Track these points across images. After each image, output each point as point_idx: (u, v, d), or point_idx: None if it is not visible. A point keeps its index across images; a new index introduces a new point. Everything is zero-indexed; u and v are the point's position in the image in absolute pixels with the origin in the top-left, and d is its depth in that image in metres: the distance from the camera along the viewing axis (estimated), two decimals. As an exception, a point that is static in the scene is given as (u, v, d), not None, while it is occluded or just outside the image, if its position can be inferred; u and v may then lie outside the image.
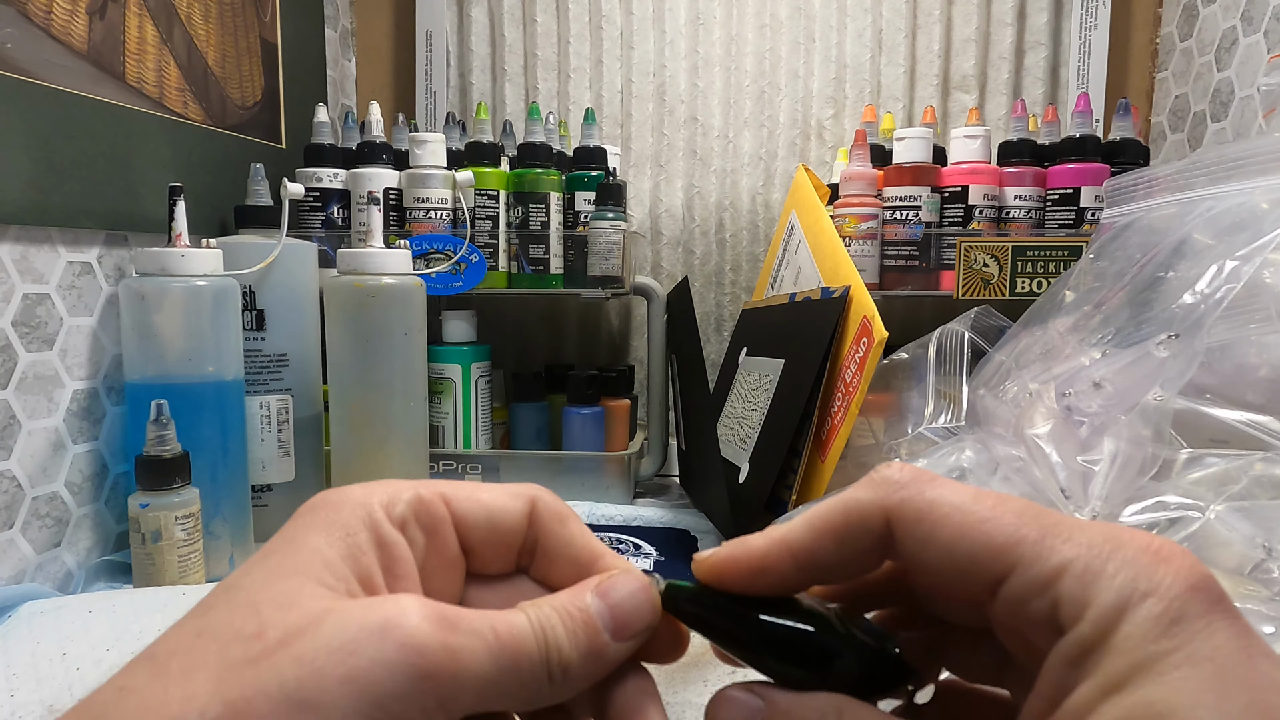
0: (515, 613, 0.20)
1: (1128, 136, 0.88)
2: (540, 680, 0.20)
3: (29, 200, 0.61)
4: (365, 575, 0.20)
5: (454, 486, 0.23)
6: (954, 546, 0.19)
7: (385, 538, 0.21)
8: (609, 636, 0.21)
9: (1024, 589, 0.18)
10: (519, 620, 0.20)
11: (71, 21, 0.65)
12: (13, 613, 0.55)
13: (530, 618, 0.20)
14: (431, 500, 0.22)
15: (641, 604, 0.22)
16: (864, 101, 1.09)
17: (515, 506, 0.23)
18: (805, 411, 0.66)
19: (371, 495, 0.21)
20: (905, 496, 0.20)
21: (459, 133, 0.98)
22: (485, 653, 0.19)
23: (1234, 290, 0.42)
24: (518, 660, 0.19)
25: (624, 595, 0.21)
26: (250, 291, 0.73)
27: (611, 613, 0.21)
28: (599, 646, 0.21)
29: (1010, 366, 0.56)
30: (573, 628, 0.20)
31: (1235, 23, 0.93)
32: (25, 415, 0.62)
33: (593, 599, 0.21)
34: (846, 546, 0.21)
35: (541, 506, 0.23)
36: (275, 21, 0.95)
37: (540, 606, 0.21)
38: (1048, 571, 0.17)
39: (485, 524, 0.23)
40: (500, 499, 0.23)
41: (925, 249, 0.90)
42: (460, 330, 0.91)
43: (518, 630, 0.19)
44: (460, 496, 0.23)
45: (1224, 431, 0.41)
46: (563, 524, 0.23)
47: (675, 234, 1.13)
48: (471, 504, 0.23)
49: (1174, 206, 0.52)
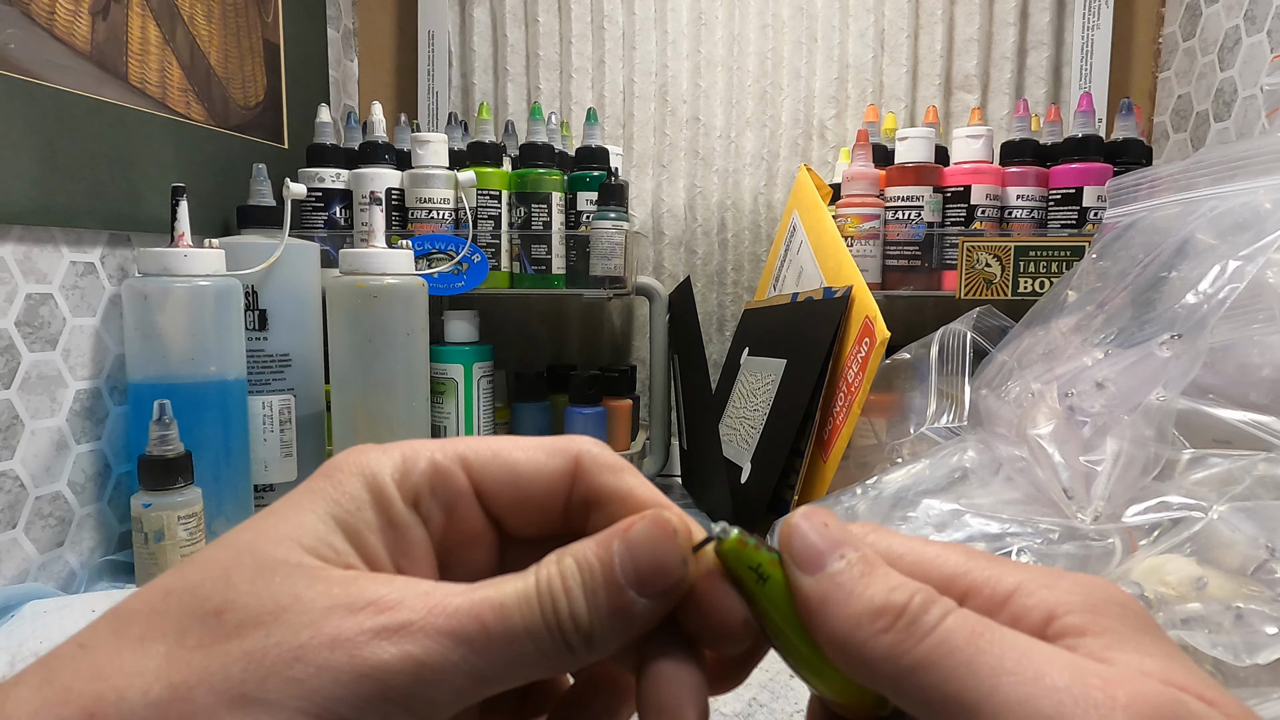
0: (519, 580, 0.18)
1: (1130, 136, 0.88)
2: (558, 652, 0.18)
3: (32, 200, 0.61)
4: (369, 554, 0.19)
5: (479, 446, 0.21)
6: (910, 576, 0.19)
7: (395, 518, 0.20)
8: (634, 592, 0.18)
9: (984, 608, 0.18)
10: (515, 591, 0.18)
11: (74, 22, 0.65)
12: (16, 612, 0.55)
13: (540, 583, 0.18)
14: (449, 470, 0.20)
15: (666, 551, 0.19)
16: (866, 101, 1.09)
17: (552, 465, 0.21)
18: (807, 412, 0.66)
19: (383, 462, 0.20)
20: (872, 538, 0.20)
21: (461, 133, 0.98)
22: (467, 652, 0.17)
23: (1237, 290, 0.42)
24: (515, 644, 0.18)
25: (650, 540, 0.19)
26: (253, 291, 0.73)
27: (635, 563, 0.18)
28: (623, 605, 0.18)
29: (1013, 367, 0.56)
30: (592, 586, 0.18)
31: (1238, 22, 0.93)
32: (28, 415, 0.62)
33: (619, 547, 0.19)
34: None
35: (588, 460, 0.21)
36: (278, 22, 0.95)
37: (562, 559, 0.19)
38: (1002, 590, 0.18)
39: (512, 489, 0.21)
40: (534, 457, 0.21)
41: (927, 249, 0.90)
42: (462, 330, 0.91)
43: (510, 608, 0.18)
44: (483, 459, 0.21)
45: (1227, 432, 0.41)
46: (617, 475, 0.21)
47: (677, 234, 1.13)
48: (496, 468, 0.21)
49: (1177, 206, 0.52)
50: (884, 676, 0.17)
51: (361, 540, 0.19)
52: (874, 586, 0.18)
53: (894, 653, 0.17)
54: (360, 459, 0.20)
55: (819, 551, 0.18)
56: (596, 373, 0.93)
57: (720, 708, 0.45)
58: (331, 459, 0.20)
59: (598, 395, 0.90)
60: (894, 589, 0.18)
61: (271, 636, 0.17)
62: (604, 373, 0.96)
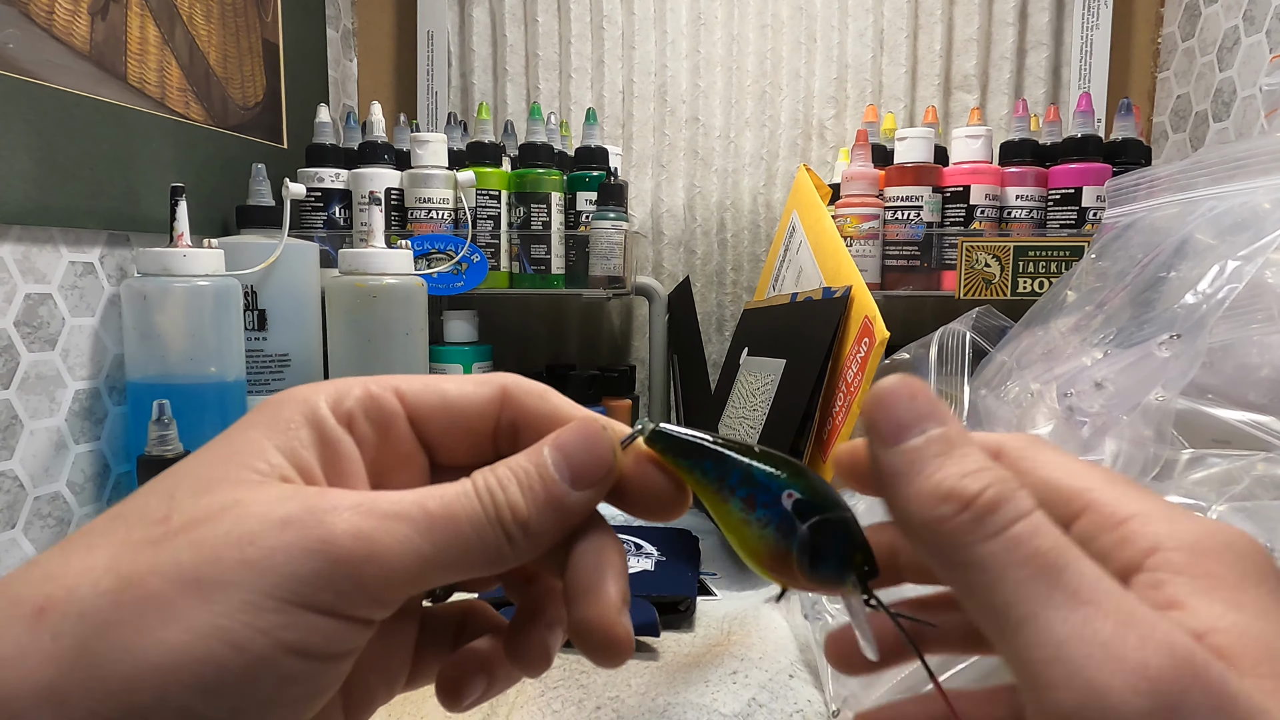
0: (457, 483, 0.19)
1: (1129, 136, 0.88)
2: (497, 542, 0.19)
3: (31, 200, 0.61)
4: (304, 468, 0.19)
5: (411, 379, 0.22)
6: (1043, 483, 0.19)
7: (329, 434, 0.20)
8: (568, 485, 0.20)
9: (1093, 526, 0.18)
10: (455, 489, 0.19)
11: (73, 22, 0.65)
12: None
13: (478, 483, 0.19)
14: (382, 395, 0.21)
15: (597, 447, 0.20)
16: (865, 101, 1.09)
17: (481, 393, 0.22)
18: (807, 412, 0.66)
19: (318, 392, 0.21)
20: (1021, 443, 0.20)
21: (460, 133, 0.98)
22: (412, 532, 0.18)
23: (1236, 290, 0.42)
24: (457, 530, 0.18)
25: (578, 440, 0.20)
26: (252, 291, 0.73)
27: (568, 461, 0.20)
28: (557, 496, 0.20)
29: (1012, 367, 0.56)
30: (528, 483, 0.20)
31: (1237, 22, 0.93)
32: (27, 415, 0.62)
33: (549, 451, 0.20)
34: None
35: (514, 387, 0.22)
36: (277, 22, 0.95)
37: (496, 469, 0.20)
38: (1121, 513, 0.18)
39: (443, 414, 0.22)
40: (464, 386, 0.22)
41: (927, 249, 0.90)
42: (462, 330, 0.91)
43: (450, 500, 0.19)
44: (415, 389, 0.22)
45: (1226, 432, 0.41)
46: (543, 399, 0.22)
47: (676, 234, 1.13)
48: (428, 394, 0.22)
49: (1176, 206, 0.52)
50: (939, 561, 0.17)
51: (297, 456, 0.19)
52: (948, 468, 0.17)
53: (953, 543, 0.17)
54: (296, 391, 0.21)
55: (901, 424, 0.18)
56: (596, 373, 0.93)
57: (720, 708, 0.45)
58: (270, 396, 0.21)
59: (597, 395, 0.90)
60: (968, 474, 0.17)
61: (220, 526, 0.17)
62: (603, 373, 0.96)
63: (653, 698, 0.46)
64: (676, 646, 0.53)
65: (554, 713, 0.45)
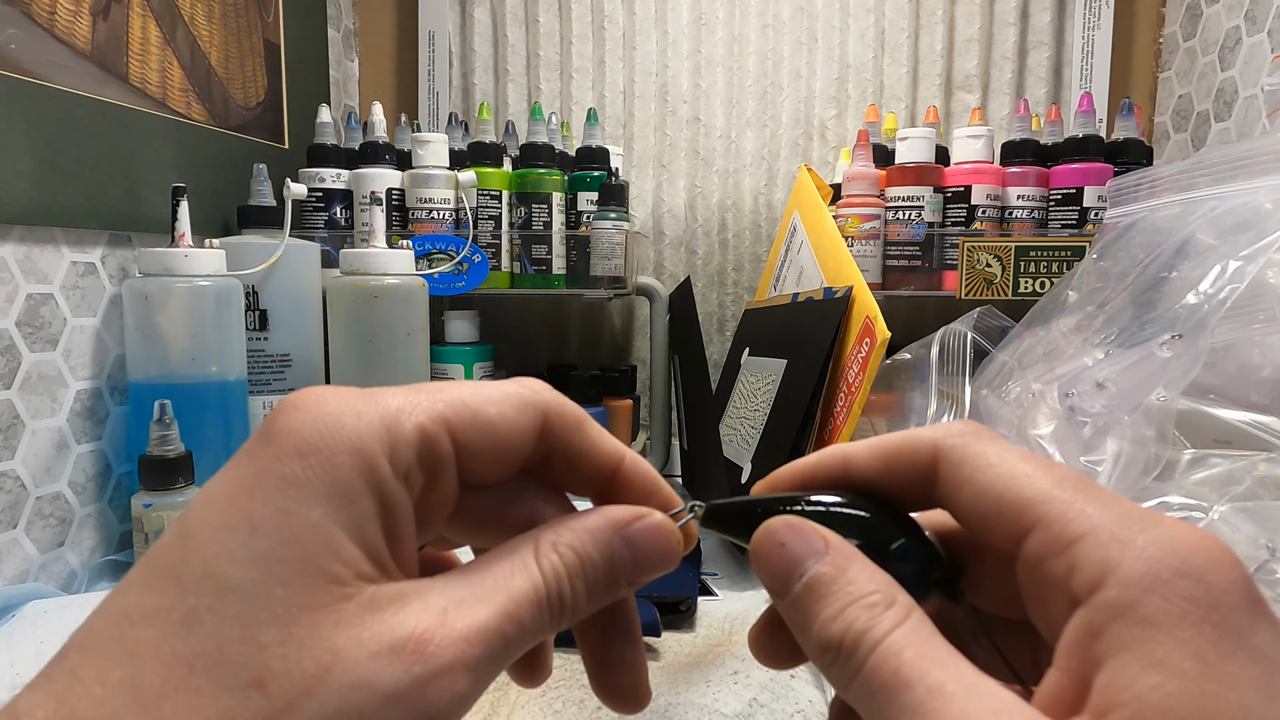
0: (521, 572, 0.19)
1: (1131, 136, 0.88)
2: (544, 632, 0.19)
3: (33, 200, 0.61)
4: (372, 550, 0.18)
5: (458, 407, 0.20)
6: (985, 493, 0.19)
7: (390, 499, 0.18)
8: (626, 584, 0.20)
9: (1043, 547, 0.17)
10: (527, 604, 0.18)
11: (75, 22, 0.65)
12: (16, 612, 0.55)
13: (547, 579, 0.19)
14: (436, 436, 0.19)
15: (670, 554, 0.20)
16: (866, 101, 1.09)
17: (523, 422, 0.20)
18: (808, 412, 0.66)
19: (368, 435, 0.18)
20: (959, 442, 0.20)
21: (461, 133, 0.98)
22: (493, 667, 0.18)
23: (1237, 290, 0.42)
24: (523, 645, 0.19)
25: (654, 547, 0.20)
26: (253, 292, 0.73)
27: (635, 564, 0.20)
28: (614, 592, 0.20)
29: (1013, 367, 0.56)
30: (594, 579, 0.19)
31: (1239, 22, 0.93)
32: (29, 415, 0.62)
33: (619, 546, 0.20)
34: (894, 473, 0.21)
35: (554, 418, 0.21)
36: (278, 22, 0.95)
37: (561, 551, 0.19)
38: (1070, 532, 0.17)
39: (491, 451, 0.20)
40: (509, 416, 0.20)
41: (928, 249, 0.90)
42: (463, 330, 0.91)
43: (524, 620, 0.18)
44: (463, 421, 0.20)
45: (1227, 432, 0.41)
46: (579, 432, 0.21)
47: (677, 234, 1.13)
48: (476, 430, 0.20)
49: (1177, 206, 0.52)
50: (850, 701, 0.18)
51: (363, 535, 0.18)
52: (821, 615, 0.18)
53: (839, 685, 0.18)
54: (342, 433, 0.18)
55: (781, 577, 0.19)
56: (597, 373, 0.93)
57: (721, 708, 0.45)
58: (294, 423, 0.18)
59: (598, 395, 0.90)
60: (836, 617, 0.18)
61: (327, 704, 0.16)
62: (604, 373, 0.96)
63: (654, 698, 0.46)
64: (677, 646, 0.53)
65: (555, 713, 0.45)
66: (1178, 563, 0.15)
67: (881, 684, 0.17)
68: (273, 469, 0.17)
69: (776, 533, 0.19)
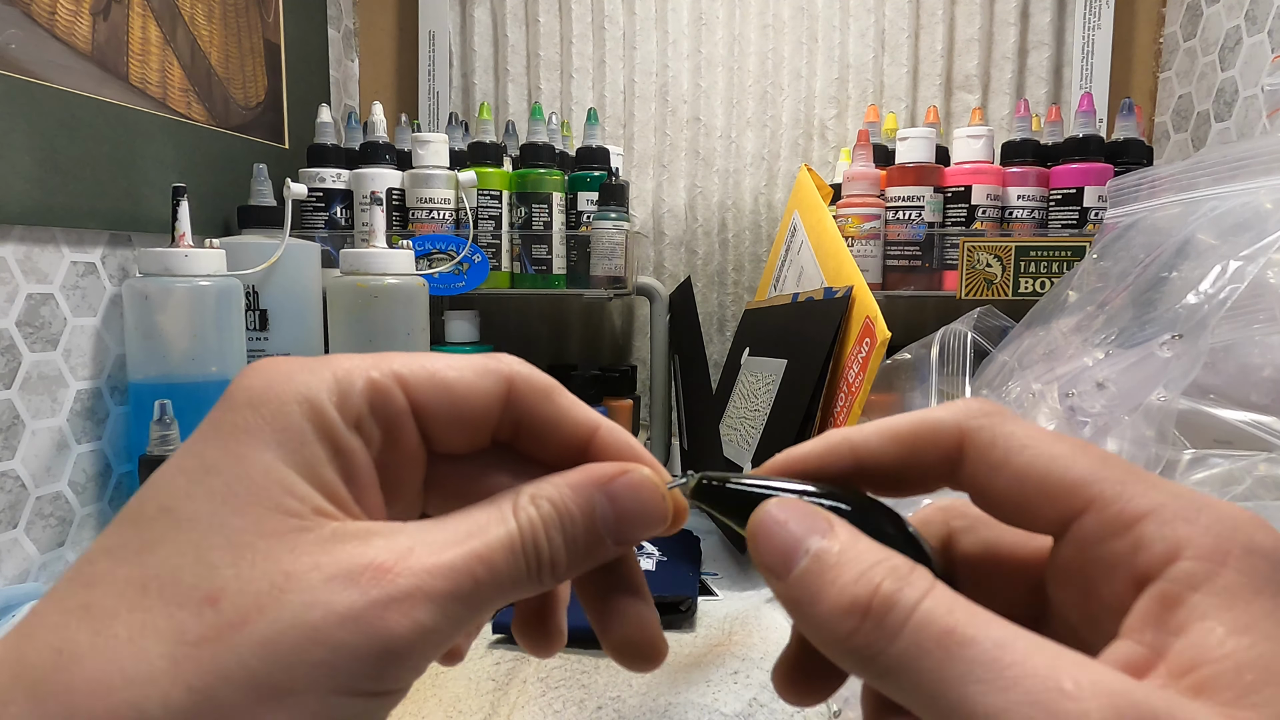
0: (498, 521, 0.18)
1: (1131, 136, 0.88)
2: (525, 582, 0.19)
3: (33, 200, 0.61)
4: (329, 490, 0.18)
5: (410, 364, 0.20)
6: (1025, 475, 0.18)
7: (342, 445, 0.18)
8: (612, 541, 0.19)
9: (1101, 527, 0.17)
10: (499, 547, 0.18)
11: (75, 22, 0.66)
12: (16, 612, 0.55)
13: (523, 527, 0.18)
14: (388, 389, 0.19)
15: (655, 511, 0.20)
16: (867, 101, 1.09)
17: (485, 387, 0.20)
18: (808, 412, 0.66)
19: (318, 386, 0.18)
20: (985, 423, 0.19)
21: (462, 133, 0.98)
22: (461, 606, 0.17)
23: (1237, 290, 0.42)
24: (497, 592, 0.18)
25: (637, 502, 0.20)
26: (253, 292, 0.73)
27: (618, 519, 0.19)
28: (598, 550, 0.19)
29: (1013, 367, 0.56)
30: (574, 533, 0.19)
31: (1239, 22, 0.93)
32: (29, 415, 0.62)
33: (600, 500, 0.19)
34: (913, 457, 0.19)
35: (520, 383, 0.20)
36: (278, 22, 0.95)
37: (538, 503, 0.19)
38: (1131, 511, 0.16)
39: (449, 410, 0.20)
40: (467, 379, 0.20)
41: (928, 249, 0.90)
42: (463, 330, 0.91)
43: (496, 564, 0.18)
44: (419, 379, 0.20)
45: (1228, 432, 0.41)
46: (547, 399, 0.21)
47: (678, 234, 1.13)
48: (433, 388, 0.20)
49: (1177, 206, 0.52)
50: (869, 676, 0.16)
51: (317, 476, 0.18)
52: (839, 581, 0.17)
53: (870, 655, 0.16)
54: (291, 384, 0.18)
55: (784, 553, 0.18)
56: (597, 373, 0.93)
57: (721, 708, 0.45)
58: (249, 381, 0.18)
59: (598, 395, 0.90)
60: (858, 579, 0.16)
61: (279, 620, 0.16)
62: (604, 373, 0.96)
63: (654, 698, 0.46)
64: (678, 646, 0.53)
65: (555, 713, 0.45)
66: (1245, 540, 0.16)
67: (935, 643, 0.15)
68: (226, 420, 0.18)
69: (776, 511, 0.19)
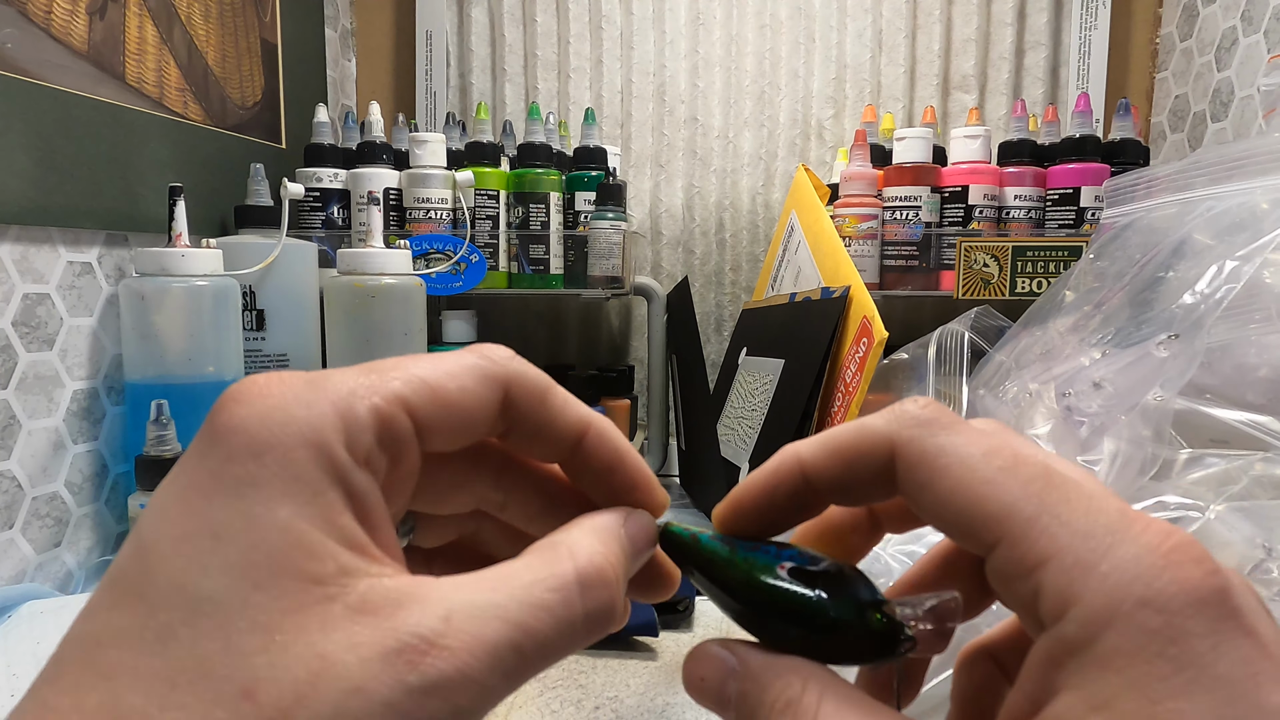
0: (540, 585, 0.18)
1: (1128, 136, 0.88)
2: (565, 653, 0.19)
3: (29, 200, 0.61)
4: (348, 538, 0.17)
5: (410, 380, 0.19)
6: (947, 501, 0.18)
7: (355, 488, 0.17)
8: None
9: (1008, 566, 0.17)
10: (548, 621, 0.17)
11: (72, 22, 0.65)
12: (13, 612, 0.55)
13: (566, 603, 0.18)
14: (393, 417, 0.18)
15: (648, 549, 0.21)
16: (864, 101, 1.09)
17: (485, 396, 0.20)
18: (805, 411, 0.66)
19: (322, 425, 0.17)
20: (914, 436, 0.18)
21: (459, 133, 0.98)
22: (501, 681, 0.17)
23: (1234, 290, 0.42)
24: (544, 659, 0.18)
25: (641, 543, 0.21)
26: (250, 292, 0.73)
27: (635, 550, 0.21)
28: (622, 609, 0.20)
29: (1010, 367, 0.56)
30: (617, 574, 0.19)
31: (1235, 23, 0.93)
32: (25, 415, 0.62)
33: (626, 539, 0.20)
34: (850, 471, 0.19)
35: (517, 389, 0.20)
36: (275, 21, 0.95)
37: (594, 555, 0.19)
38: (1033, 556, 0.16)
39: (452, 425, 0.19)
40: (470, 390, 0.19)
41: (925, 249, 0.90)
42: (460, 330, 0.91)
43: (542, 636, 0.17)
44: (422, 398, 0.19)
45: (1224, 432, 0.41)
46: (542, 403, 0.21)
47: (675, 234, 1.13)
48: (436, 407, 0.19)
49: (1174, 206, 0.52)
50: None
51: (334, 526, 0.17)
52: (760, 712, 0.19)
53: None
54: (293, 425, 0.17)
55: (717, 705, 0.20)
56: (594, 373, 0.93)
57: (718, 708, 0.45)
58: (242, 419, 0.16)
59: (596, 395, 0.90)
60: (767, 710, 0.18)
61: (321, 713, 0.15)
62: (602, 373, 0.96)
63: (651, 698, 0.46)
64: (676, 646, 0.53)
65: (553, 713, 0.45)
66: (1141, 590, 0.15)
67: None
68: (226, 472, 0.16)
69: (695, 669, 0.20)
